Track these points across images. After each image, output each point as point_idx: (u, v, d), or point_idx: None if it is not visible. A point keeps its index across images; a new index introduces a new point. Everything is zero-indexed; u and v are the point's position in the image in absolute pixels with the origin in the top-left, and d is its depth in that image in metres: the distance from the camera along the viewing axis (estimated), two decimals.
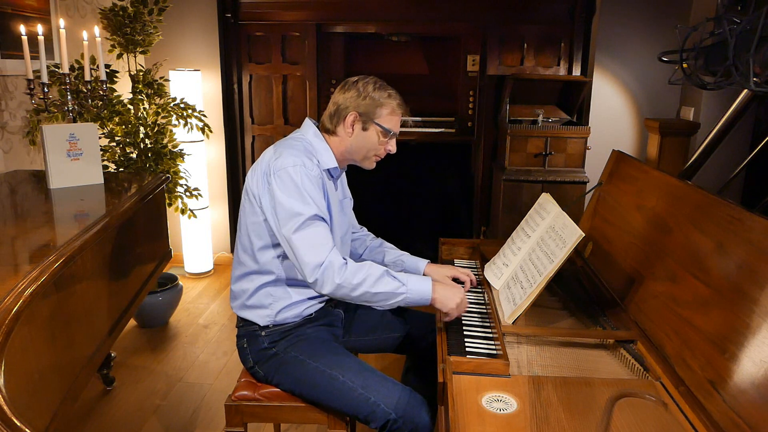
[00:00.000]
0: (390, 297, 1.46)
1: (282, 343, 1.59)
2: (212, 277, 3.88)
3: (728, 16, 1.54)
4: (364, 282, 1.44)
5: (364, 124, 1.57)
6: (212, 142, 3.67)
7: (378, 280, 1.45)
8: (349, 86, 1.58)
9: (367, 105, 1.55)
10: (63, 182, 2.10)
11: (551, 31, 3.56)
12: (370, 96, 1.56)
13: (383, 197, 4.27)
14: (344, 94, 1.58)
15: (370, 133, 1.58)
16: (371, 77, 1.61)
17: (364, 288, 1.44)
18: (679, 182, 1.46)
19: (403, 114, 1.62)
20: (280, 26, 3.67)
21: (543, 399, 1.13)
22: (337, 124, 1.59)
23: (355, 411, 1.46)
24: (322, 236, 1.46)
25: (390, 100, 1.57)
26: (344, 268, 1.44)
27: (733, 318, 1.06)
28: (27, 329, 1.22)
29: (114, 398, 2.48)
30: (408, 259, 1.81)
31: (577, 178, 3.21)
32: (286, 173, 1.47)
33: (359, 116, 1.56)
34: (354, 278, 1.43)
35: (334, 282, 1.42)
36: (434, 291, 1.48)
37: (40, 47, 2.15)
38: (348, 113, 1.56)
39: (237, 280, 1.64)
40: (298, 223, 1.44)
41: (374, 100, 1.56)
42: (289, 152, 1.52)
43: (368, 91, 1.56)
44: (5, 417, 1.03)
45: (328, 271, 1.42)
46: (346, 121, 1.57)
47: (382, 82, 1.60)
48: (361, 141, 1.59)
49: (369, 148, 1.60)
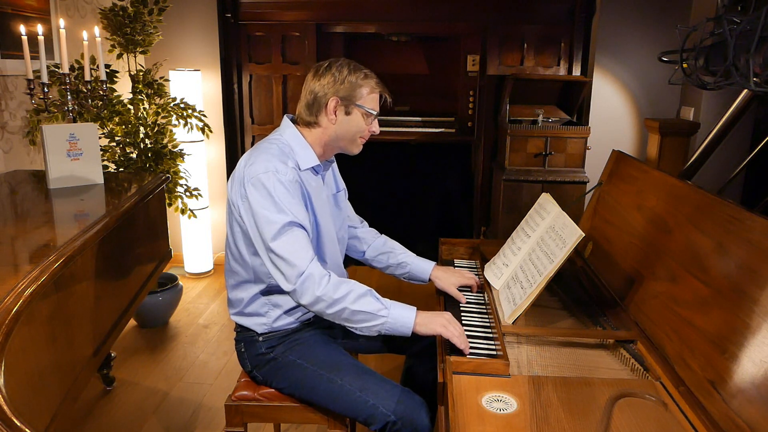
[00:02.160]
0: (370, 318, 1.39)
1: (279, 347, 1.58)
2: (212, 277, 3.89)
3: (728, 16, 1.54)
4: (345, 297, 1.38)
5: (347, 108, 1.52)
6: (212, 142, 3.67)
7: (360, 297, 1.39)
8: (323, 72, 1.52)
9: (346, 89, 1.50)
10: (63, 182, 2.10)
11: (551, 31, 3.56)
12: (347, 79, 1.50)
13: (383, 197, 4.28)
14: (319, 81, 1.51)
15: (353, 117, 1.53)
16: (342, 59, 1.56)
17: (344, 304, 1.38)
18: (679, 182, 1.46)
19: (381, 92, 1.57)
20: (280, 26, 3.67)
21: (543, 399, 1.13)
22: (318, 114, 1.53)
23: (354, 414, 1.46)
24: (300, 244, 1.41)
25: (368, 80, 1.53)
26: (325, 280, 1.39)
27: (733, 318, 1.06)
28: (27, 329, 1.22)
29: (114, 398, 2.48)
30: (413, 262, 1.76)
31: (577, 178, 3.21)
32: (259, 181, 1.43)
33: (340, 101, 1.50)
34: (335, 293, 1.37)
35: (314, 294, 1.38)
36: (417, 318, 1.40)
37: (40, 47, 2.15)
38: (328, 100, 1.50)
39: (232, 288, 1.62)
40: (274, 232, 1.40)
41: (352, 83, 1.50)
42: (261, 158, 1.47)
43: (344, 74, 1.50)
44: (5, 417, 1.03)
45: (308, 282, 1.38)
46: (328, 108, 1.51)
47: (354, 63, 1.55)
48: (346, 126, 1.54)
49: (354, 132, 1.55)
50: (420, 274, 1.76)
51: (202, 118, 3.08)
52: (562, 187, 3.20)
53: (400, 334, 1.41)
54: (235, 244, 1.56)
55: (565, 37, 3.56)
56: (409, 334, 1.40)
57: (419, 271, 1.76)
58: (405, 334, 1.41)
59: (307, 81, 1.55)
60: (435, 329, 1.38)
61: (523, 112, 3.43)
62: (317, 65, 1.55)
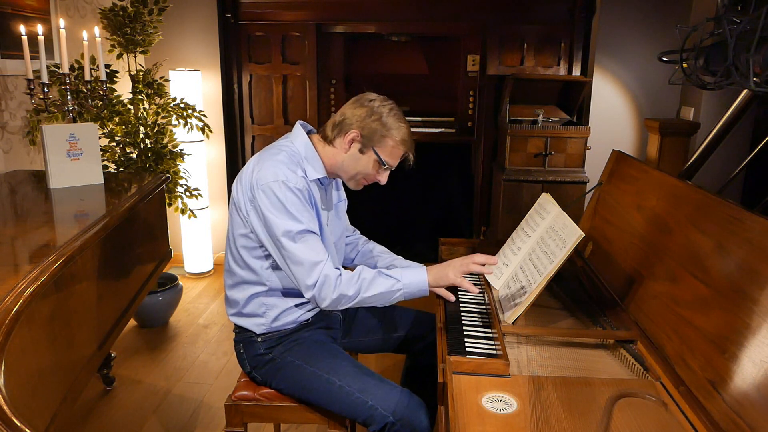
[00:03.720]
0: (387, 296, 1.47)
1: (278, 348, 1.58)
2: (212, 277, 3.89)
3: (728, 16, 1.54)
4: (359, 291, 1.45)
5: (363, 146, 1.51)
6: (212, 142, 3.67)
7: (372, 283, 1.46)
8: (364, 103, 1.52)
9: (372, 129, 1.49)
10: (63, 182, 2.10)
11: (551, 31, 3.56)
12: (381, 121, 1.49)
13: (383, 197, 4.27)
14: (354, 110, 1.51)
15: (365, 157, 1.53)
16: (392, 102, 1.53)
17: (361, 295, 1.45)
18: (679, 182, 1.46)
19: (405, 151, 1.55)
20: (280, 26, 3.67)
21: (543, 399, 1.13)
22: (337, 136, 1.53)
23: (353, 415, 1.46)
24: (316, 250, 1.44)
25: (398, 133, 1.50)
26: (339, 281, 1.44)
27: (733, 318, 1.06)
28: (27, 329, 1.22)
29: (114, 398, 2.48)
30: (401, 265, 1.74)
31: (577, 178, 3.21)
32: (269, 189, 1.44)
33: (360, 137, 1.50)
34: (350, 289, 1.44)
35: (331, 297, 1.44)
36: (429, 278, 1.49)
37: (40, 47, 2.15)
38: (350, 129, 1.50)
39: (230, 288, 1.62)
40: (288, 240, 1.43)
41: (382, 127, 1.49)
42: (270, 164, 1.47)
43: (381, 114, 1.49)
44: (5, 417, 1.03)
45: (325, 287, 1.43)
46: (346, 137, 1.51)
47: (398, 111, 1.52)
48: (354, 162, 1.54)
49: (359, 171, 1.55)
50: None
51: (202, 118, 3.08)
52: (562, 187, 3.21)
53: (420, 296, 1.50)
54: (235, 244, 1.56)
55: (565, 37, 3.56)
56: (427, 294, 1.50)
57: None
58: (423, 295, 1.50)
59: (347, 103, 1.56)
60: (450, 280, 1.48)
61: (523, 112, 3.43)
62: (365, 94, 1.55)
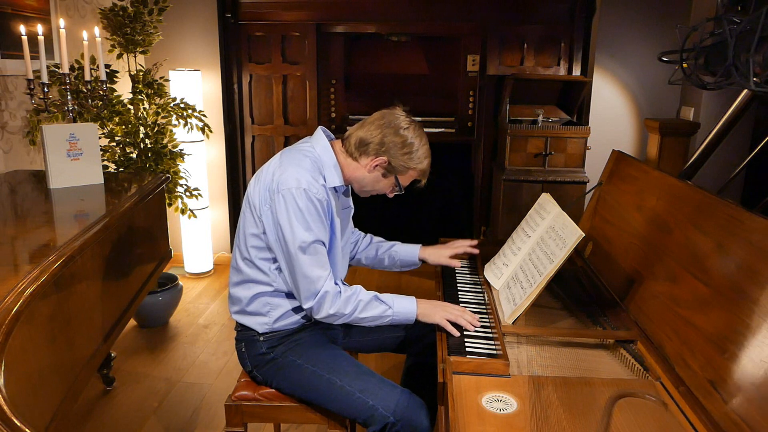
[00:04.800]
0: (377, 319, 1.54)
1: (280, 347, 1.58)
2: (212, 277, 3.88)
3: (728, 16, 1.54)
4: (354, 310, 1.51)
5: (387, 172, 1.55)
6: (212, 142, 3.67)
7: (367, 305, 1.52)
8: (398, 131, 1.50)
9: (401, 161, 1.52)
10: (63, 182, 2.10)
11: (551, 31, 3.56)
12: (411, 155, 1.52)
13: (383, 197, 4.27)
14: (389, 135, 1.50)
15: (385, 181, 1.58)
16: (419, 127, 1.54)
17: (354, 315, 1.52)
18: (679, 182, 1.46)
19: (423, 178, 1.61)
20: (280, 26, 3.67)
21: (543, 399, 1.13)
22: (363, 155, 1.54)
23: (353, 415, 1.47)
24: (321, 263, 1.48)
25: (421, 166, 1.55)
26: (338, 298, 1.49)
27: (733, 318, 1.06)
28: (27, 329, 1.22)
29: (114, 398, 2.48)
30: (401, 249, 1.84)
31: (577, 178, 3.21)
32: (291, 195, 1.45)
33: (388, 165, 1.53)
34: (346, 307, 1.50)
35: (327, 312, 1.49)
36: (418, 307, 1.54)
37: (40, 47, 2.15)
38: (379, 155, 1.52)
39: (234, 286, 1.63)
40: (299, 249, 1.45)
41: (410, 161, 1.52)
42: (294, 169, 1.48)
43: (412, 146, 1.51)
44: (5, 417, 1.03)
45: (323, 301, 1.48)
46: (373, 161, 1.53)
47: (426, 141, 1.55)
48: (374, 181, 1.58)
49: (376, 189, 1.62)
50: (409, 258, 1.83)
51: (202, 118, 3.08)
52: (562, 187, 3.21)
53: (408, 322, 1.57)
54: (246, 243, 1.57)
55: (565, 37, 3.56)
56: (413, 322, 1.56)
57: (408, 255, 1.82)
58: (409, 323, 1.57)
59: (380, 118, 1.54)
60: (435, 320, 1.50)
61: (523, 112, 3.43)
62: (407, 118, 1.54)
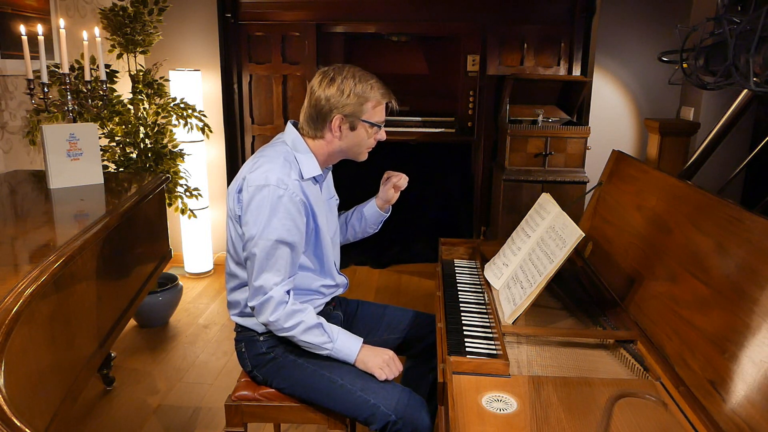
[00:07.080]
0: (315, 348, 1.50)
1: (280, 347, 1.58)
2: (212, 277, 3.89)
3: (728, 16, 1.54)
4: (294, 328, 1.46)
5: (351, 124, 1.50)
6: (212, 142, 3.67)
7: (309, 330, 1.48)
8: (327, 84, 1.48)
9: (351, 105, 1.47)
10: (63, 182, 2.10)
11: (551, 31, 3.56)
12: (353, 92, 1.47)
13: None
14: (324, 93, 1.48)
15: (359, 132, 1.52)
16: (348, 68, 1.50)
17: (293, 333, 1.47)
18: (679, 182, 1.46)
19: (388, 100, 1.54)
20: (280, 26, 3.67)
21: (543, 399, 1.13)
22: (322, 128, 1.52)
23: (354, 413, 1.46)
24: (278, 266, 1.45)
25: (374, 92, 1.49)
26: (281, 307, 1.45)
27: (733, 318, 1.06)
28: (27, 329, 1.22)
29: (114, 398, 2.48)
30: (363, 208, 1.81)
31: (577, 178, 3.21)
32: (258, 191, 1.43)
33: (345, 118, 1.49)
34: (287, 321, 1.46)
35: (267, 318, 1.46)
36: (359, 353, 1.51)
37: (40, 47, 2.15)
38: (332, 117, 1.49)
39: (231, 291, 1.63)
40: (258, 245, 1.44)
41: (358, 97, 1.47)
42: (265, 167, 1.47)
43: (349, 87, 1.46)
44: (5, 417, 1.03)
45: (266, 305, 1.45)
46: (333, 125, 1.50)
47: (360, 73, 1.50)
48: (352, 140, 1.53)
49: (360, 145, 1.55)
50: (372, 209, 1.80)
51: (202, 118, 3.08)
52: (562, 187, 3.21)
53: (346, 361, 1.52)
54: (234, 246, 1.56)
55: (565, 37, 3.56)
56: (352, 362, 1.52)
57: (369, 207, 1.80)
58: (349, 362, 1.52)
59: (311, 90, 1.52)
60: (371, 369, 1.49)
61: (523, 112, 3.43)
62: (322, 74, 1.51)
